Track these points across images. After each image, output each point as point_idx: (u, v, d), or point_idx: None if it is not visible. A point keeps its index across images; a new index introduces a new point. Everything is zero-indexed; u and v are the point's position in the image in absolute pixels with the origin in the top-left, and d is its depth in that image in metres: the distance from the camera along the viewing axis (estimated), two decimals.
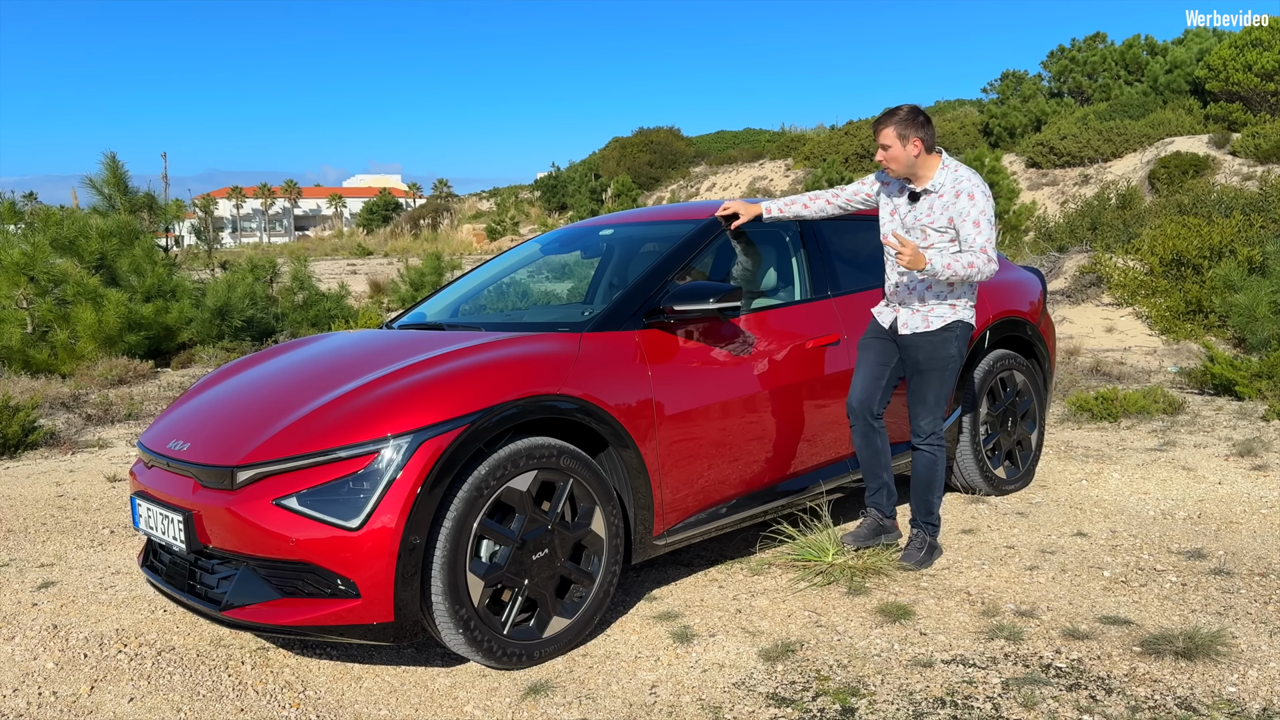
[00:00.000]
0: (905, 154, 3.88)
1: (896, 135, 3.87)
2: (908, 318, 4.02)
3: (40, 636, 3.73)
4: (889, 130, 3.88)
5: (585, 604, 3.42)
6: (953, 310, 3.98)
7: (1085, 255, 13.10)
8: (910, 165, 3.90)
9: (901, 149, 3.88)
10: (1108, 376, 8.75)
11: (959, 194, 3.87)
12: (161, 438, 3.58)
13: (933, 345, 3.97)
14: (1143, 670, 3.05)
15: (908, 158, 3.89)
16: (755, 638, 3.43)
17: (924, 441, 4.06)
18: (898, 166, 3.92)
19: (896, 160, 3.90)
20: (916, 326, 3.99)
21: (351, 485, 3.02)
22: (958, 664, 3.15)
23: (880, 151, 3.95)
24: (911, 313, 4.01)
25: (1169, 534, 4.41)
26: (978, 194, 3.85)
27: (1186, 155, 24.95)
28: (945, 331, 3.97)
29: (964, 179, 3.90)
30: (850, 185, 4.27)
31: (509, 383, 3.29)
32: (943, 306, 3.98)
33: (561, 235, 5.21)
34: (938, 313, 3.97)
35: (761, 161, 41.08)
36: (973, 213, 3.84)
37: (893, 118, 3.89)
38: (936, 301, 3.98)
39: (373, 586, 3.00)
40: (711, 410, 3.82)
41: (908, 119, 3.88)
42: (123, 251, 11.48)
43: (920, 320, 3.99)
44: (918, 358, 3.99)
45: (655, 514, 3.66)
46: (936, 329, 3.97)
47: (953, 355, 3.99)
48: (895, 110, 3.92)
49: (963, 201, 3.86)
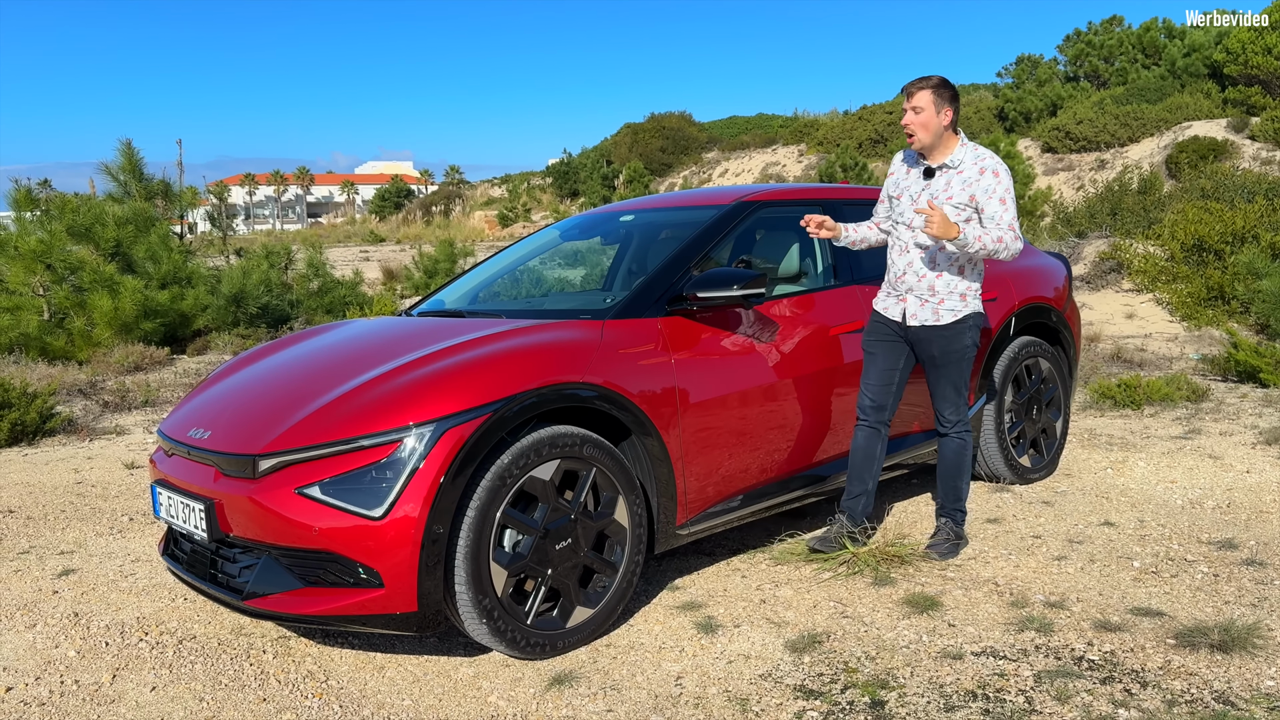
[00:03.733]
0: (937, 121, 3.76)
1: (933, 99, 3.75)
2: (916, 308, 3.88)
3: (61, 624, 3.72)
4: (926, 93, 3.76)
5: (608, 594, 3.38)
6: (964, 302, 3.85)
7: (1105, 241, 12.98)
8: (938, 135, 3.78)
9: (934, 115, 3.75)
10: (1129, 363, 8.67)
11: (983, 170, 3.77)
12: (182, 425, 3.55)
13: (946, 339, 3.86)
14: (1177, 663, 3.00)
15: (938, 126, 3.76)
16: (781, 628, 3.39)
17: (952, 429, 3.99)
18: (925, 134, 3.78)
19: (926, 127, 3.77)
20: (926, 319, 3.86)
21: (374, 474, 2.99)
22: (988, 656, 3.10)
23: (910, 115, 3.79)
24: (920, 303, 3.87)
25: (1198, 524, 4.34)
26: (1002, 172, 3.76)
27: (1205, 140, 24.70)
28: (958, 325, 3.86)
29: (985, 156, 3.80)
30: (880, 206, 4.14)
31: (531, 371, 3.25)
32: (953, 298, 3.84)
33: (581, 221, 5.16)
34: (949, 305, 3.84)
35: (774, 147, 40.88)
36: (998, 190, 3.73)
37: (928, 82, 3.78)
38: (946, 292, 3.84)
39: (396, 576, 2.97)
40: (735, 398, 3.77)
41: (943, 87, 3.78)
42: (139, 238, 11.48)
43: (930, 313, 3.85)
44: (932, 352, 3.88)
45: (678, 503, 3.62)
46: (948, 323, 3.85)
47: (968, 346, 3.89)
48: (930, 77, 3.81)
49: (987, 179, 3.75)
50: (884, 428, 3.97)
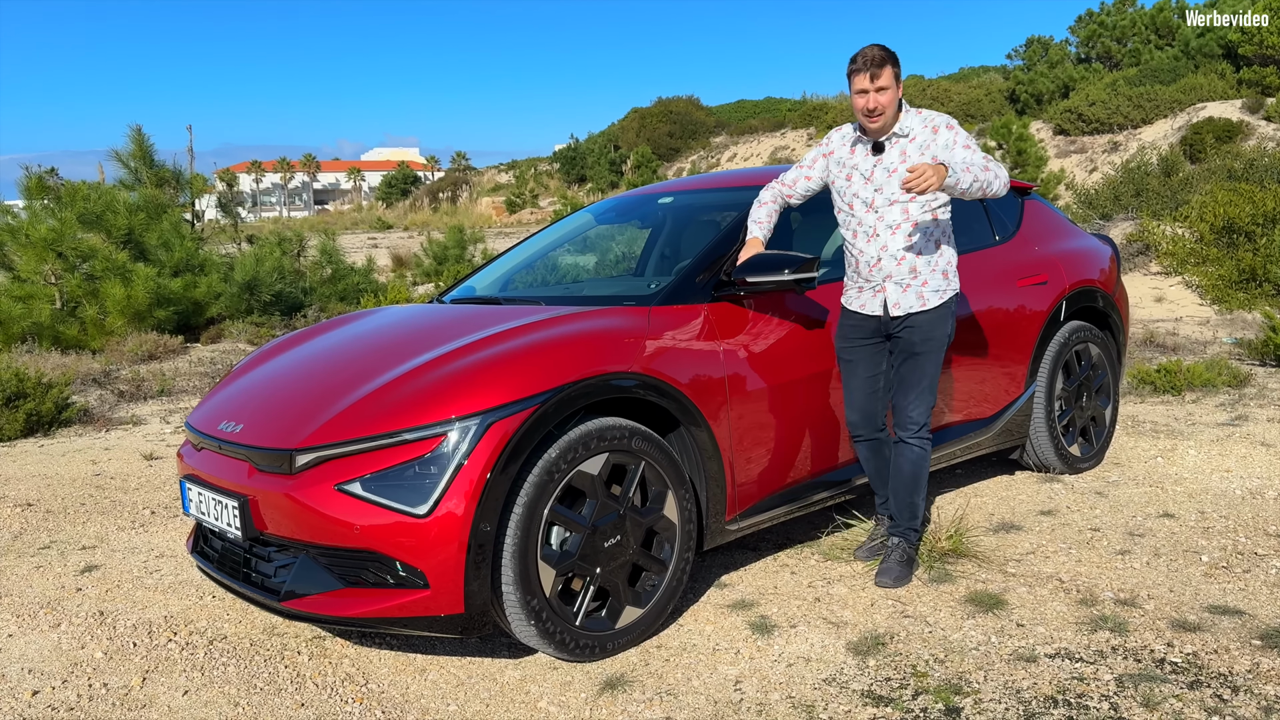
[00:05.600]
0: (896, 95, 3.39)
1: (894, 75, 3.37)
2: (898, 296, 3.51)
3: (87, 624, 3.59)
4: (889, 69, 3.35)
5: (658, 593, 3.23)
6: (946, 280, 3.53)
7: (1131, 223, 12.76)
8: (894, 113, 3.43)
9: (895, 93, 3.38)
10: (1162, 348, 8.49)
11: (935, 129, 3.42)
12: (211, 419, 3.40)
13: (930, 324, 3.51)
14: (1267, 666, 2.84)
15: (896, 102, 3.41)
16: (839, 629, 3.24)
17: (914, 435, 3.56)
18: (890, 112, 3.40)
19: (892, 104, 3.38)
20: (912, 305, 3.50)
21: (418, 469, 2.84)
22: (1063, 658, 2.95)
23: (873, 96, 3.36)
24: (902, 289, 3.51)
25: (1262, 515, 4.18)
26: (954, 124, 3.44)
27: (1219, 121, 24.39)
28: (943, 309, 3.52)
29: (931, 116, 3.47)
30: (789, 173, 3.74)
31: (579, 360, 3.09)
32: (935, 277, 3.50)
33: (617, 204, 4.98)
34: (933, 285, 3.50)
35: (783, 131, 40.56)
36: (958, 140, 3.40)
37: (886, 56, 3.37)
38: (929, 271, 3.50)
39: (441, 576, 2.82)
40: (786, 387, 3.61)
41: (896, 59, 3.40)
42: (150, 226, 11.34)
43: (915, 298, 3.50)
44: (913, 339, 3.52)
45: (728, 497, 3.47)
46: (934, 306, 3.51)
47: (948, 333, 3.58)
48: (881, 50, 3.38)
49: (943, 135, 3.41)
50: (882, 433, 3.67)
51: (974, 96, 34.78)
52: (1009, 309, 4.47)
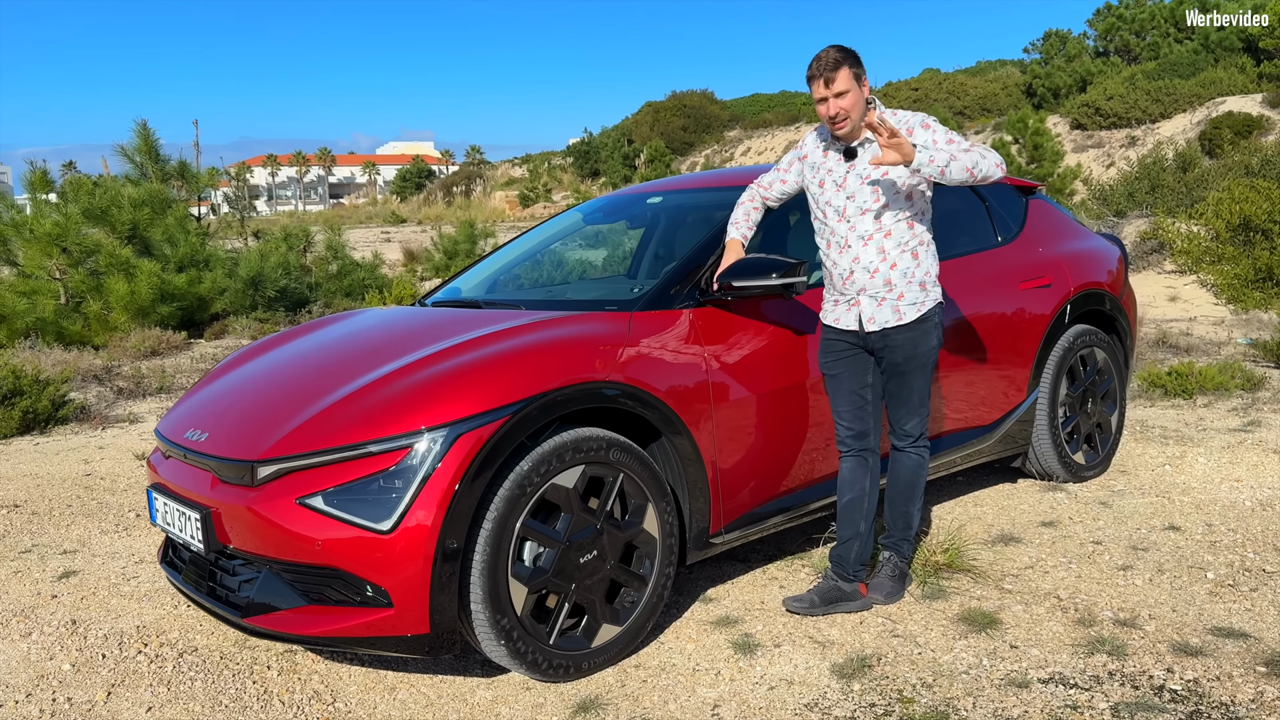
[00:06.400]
0: (860, 96, 3.17)
1: (851, 75, 3.14)
2: (873, 310, 3.29)
3: (58, 633, 3.51)
4: (845, 71, 3.12)
5: (637, 610, 3.12)
6: (924, 292, 3.30)
7: (1145, 220, 12.55)
8: (863, 112, 3.20)
9: (858, 91, 3.16)
10: (1175, 348, 8.31)
11: (910, 130, 3.22)
12: (179, 426, 3.31)
13: (912, 341, 3.30)
14: (1271, 695, 2.70)
15: (861, 101, 3.18)
16: (826, 649, 3.11)
17: (911, 445, 3.43)
18: (856, 114, 3.18)
19: (856, 107, 3.16)
20: (887, 320, 3.29)
21: (382, 483, 2.73)
22: (1057, 684, 2.81)
23: (832, 103, 3.16)
24: (877, 303, 3.29)
25: (1272, 528, 4.02)
26: (930, 121, 3.24)
27: (1239, 115, 24.05)
28: (923, 323, 3.30)
29: (905, 116, 3.27)
30: (767, 175, 3.58)
31: (554, 369, 2.98)
32: (912, 289, 3.28)
33: (605, 204, 4.86)
34: (909, 298, 3.28)
35: (798, 124, 40.33)
36: (939, 136, 3.21)
37: (843, 58, 3.14)
38: (905, 284, 3.27)
39: (406, 594, 2.72)
40: (773, 395, 3.48)
41: (854, 58, 3.17)
42: (155, 221, 11.30)
43: (890, 312, 3.28)
44: (896, 359, 3.32)
45: (712, 509, 3.35)
46: (912, 320, 3.29)
47: (934, 346, 3.37)
48: (839, 50, 3.17)
49: (919, 135, 3.20)
50: (872, 454, 3.46)
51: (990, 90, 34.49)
52: (1010, 312, 4.33)
